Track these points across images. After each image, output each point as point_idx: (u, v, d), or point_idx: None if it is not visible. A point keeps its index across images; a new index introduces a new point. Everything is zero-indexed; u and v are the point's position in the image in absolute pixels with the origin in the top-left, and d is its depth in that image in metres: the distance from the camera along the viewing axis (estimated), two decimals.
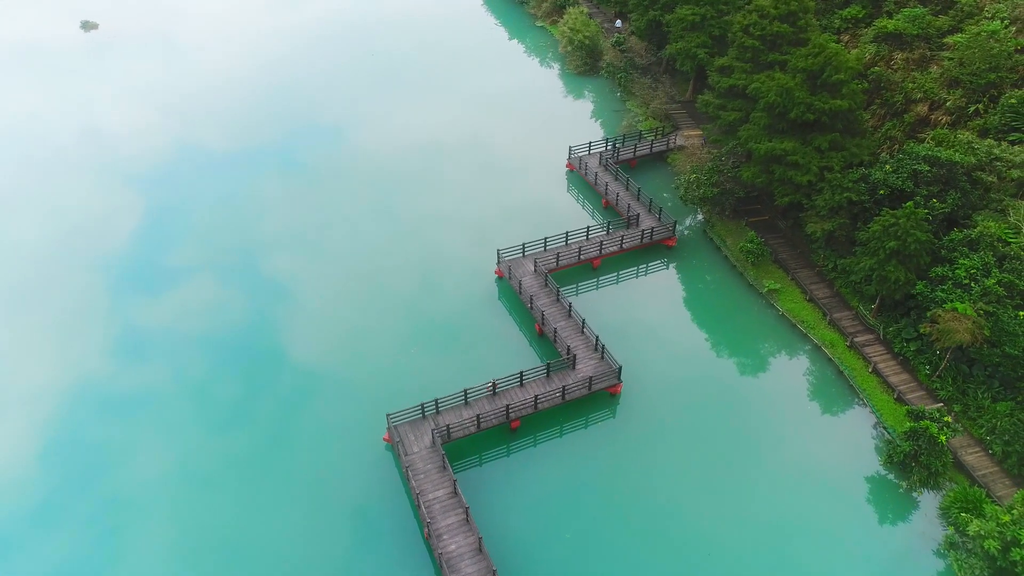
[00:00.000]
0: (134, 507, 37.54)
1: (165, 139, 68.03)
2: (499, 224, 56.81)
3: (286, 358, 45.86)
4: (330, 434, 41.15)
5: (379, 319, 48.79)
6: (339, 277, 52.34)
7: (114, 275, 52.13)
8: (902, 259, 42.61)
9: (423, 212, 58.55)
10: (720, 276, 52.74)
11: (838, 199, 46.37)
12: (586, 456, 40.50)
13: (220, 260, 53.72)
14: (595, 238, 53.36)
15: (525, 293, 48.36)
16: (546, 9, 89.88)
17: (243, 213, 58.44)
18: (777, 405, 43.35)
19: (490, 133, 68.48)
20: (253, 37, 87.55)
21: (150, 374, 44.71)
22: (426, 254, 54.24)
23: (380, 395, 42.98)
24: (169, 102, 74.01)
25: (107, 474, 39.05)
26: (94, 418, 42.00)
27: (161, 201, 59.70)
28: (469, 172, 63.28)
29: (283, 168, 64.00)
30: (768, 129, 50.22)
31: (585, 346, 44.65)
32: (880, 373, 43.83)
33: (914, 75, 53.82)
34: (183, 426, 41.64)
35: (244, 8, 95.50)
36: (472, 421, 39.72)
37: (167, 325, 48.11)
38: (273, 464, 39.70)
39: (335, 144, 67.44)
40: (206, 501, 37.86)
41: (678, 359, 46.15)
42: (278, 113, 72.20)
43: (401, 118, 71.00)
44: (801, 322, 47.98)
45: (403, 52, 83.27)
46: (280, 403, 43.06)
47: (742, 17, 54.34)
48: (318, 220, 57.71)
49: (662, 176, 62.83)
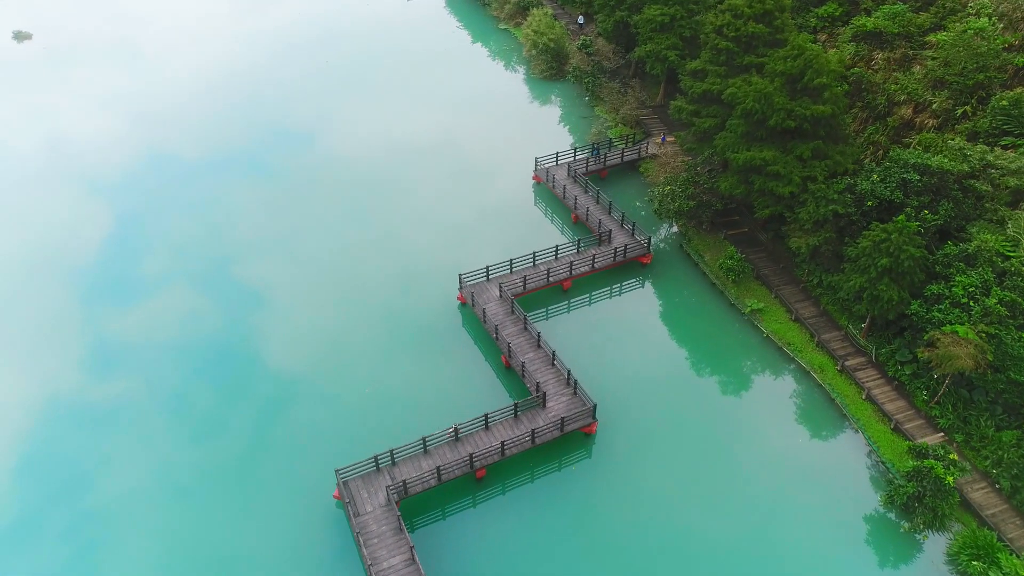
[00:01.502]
0: (111, 521, 35.82)
1: (118, 147, 64.13)
2: (461, 244, 52.76)
3: (227, 418, 40.97)
4: (275, 496, 36.71)
5: (330, 356, 44.45)
6: (289, 306, 47.94)
7: (84, 287, 49.50)
8: (895, 277, 39.39)
9: (378, 232, 54.27)
10: (699, 295, 49.22)
11: (823, 212, 43.09)
12: (560, 504, 36.63)
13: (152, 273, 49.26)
14: (565, 258, 49.56)
15: (490, 322, 44.38)
16: (509, 11, 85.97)
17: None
18: (765, 439, 39.89)
19: (452, 144, 64.39)
20: (195, 43, 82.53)
21: (123, 386, 42.53)
22: (382, 279, 49.99)
23: (330, 445, 38.72)
24: (116, 110, 69.42)
25: (83, 488, 37.24)
26: (68, 432, 40.09)
27: (111, 212, 54.88)
28: (429, 188, 59.10)
29: (221, 180, 59.39)
30: (746, 137, 46.83)
31: (556, 381, 40.80)
32: (874, 400, 40.59)
33: (896, 76, 50.84)
34: (157, 438, 39.55)
35: (182, 14, 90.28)
36: (432, 473, 35.62)
37: (138, 336, 45.76)
38: (214, 538, 35.24)
39: (284, 163, 62.85)
40: (184, 514, 36.10)
41: (657, 390, 42.49)
42: (221, 121, 67.48)
43: (357, 130, 66.65)
44: (787, 344, 44.61)
45: (363, 58, 78.99)
46: (221, 466, 38.36)
47: (714, 17, 50.89)
48: (255, 243, 53.23)
49: (634, 186, 59.26)
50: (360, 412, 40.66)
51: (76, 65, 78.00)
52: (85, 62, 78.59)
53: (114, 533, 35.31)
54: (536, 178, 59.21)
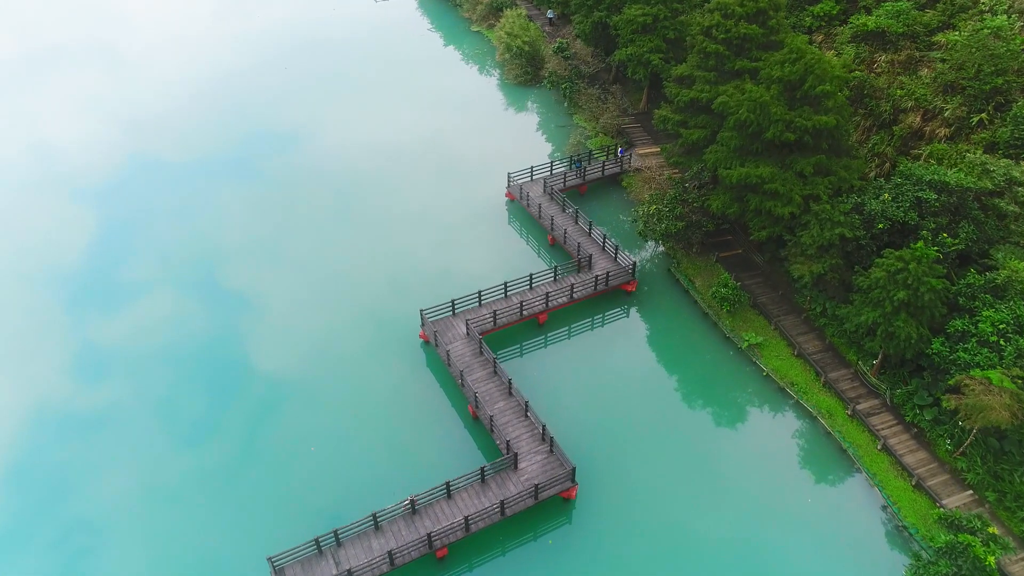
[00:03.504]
0: (102, 528, 33.41)
1: (99, 151, 60.28)
2: (426, 272, 47.41)
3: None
4: None
5: (273, 406, 39.00)
6: (228, 354, 42.45)
7: (69, 293, 46.35)
8: (913, 312, 34.56)
9: (335, 259, 48.79)
10: (690, 327, 44.16)
11: (828, 236, 38.16)
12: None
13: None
14: (540, 287, 44.37)
15: (455, 365, 39.09)
16: (481, 12, 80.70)
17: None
18: (770, 496, 34.87)
19: (417, 158, 59.02)
20: (152, 48, 76.75)
21: (111, 391, 39.75)
22: (335, 316, 44.54)
23: (266, 519, 33.28)
24: (97, 115, 64.96)
25: (72, 495, 34.79)
26: (56, 439, 37.45)
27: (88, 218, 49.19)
28: (391, 207, 53.64)
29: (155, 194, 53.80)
30: (739, 151, 41.90)
31: (530, 436, 35.57)
32: (892, 451, 35.73)
33: (901, 80, 46.12)
34: (147, 443, 36.96)
35: (125, 18, 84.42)
36: (384, 558, 30.27)
37: (125, 341, 42.84)
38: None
39: (221, 188, 57.27)
40: (174, 519, 33.69)
41: (646, 441, 37.37)
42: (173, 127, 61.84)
43: (318, 142, 61.17)
44: (791, 384, 39.70)
45: (329, 65, 73.38)
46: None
47: (702, 17, 46.03)
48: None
49: (617, 203, 54.17)
50: (301, 479, 35.19)
51: (56, 69, 73.42)
52: (66, 66, 74.01)
53: (103, 541, 32.95)
54: (509, 195, 54.01)
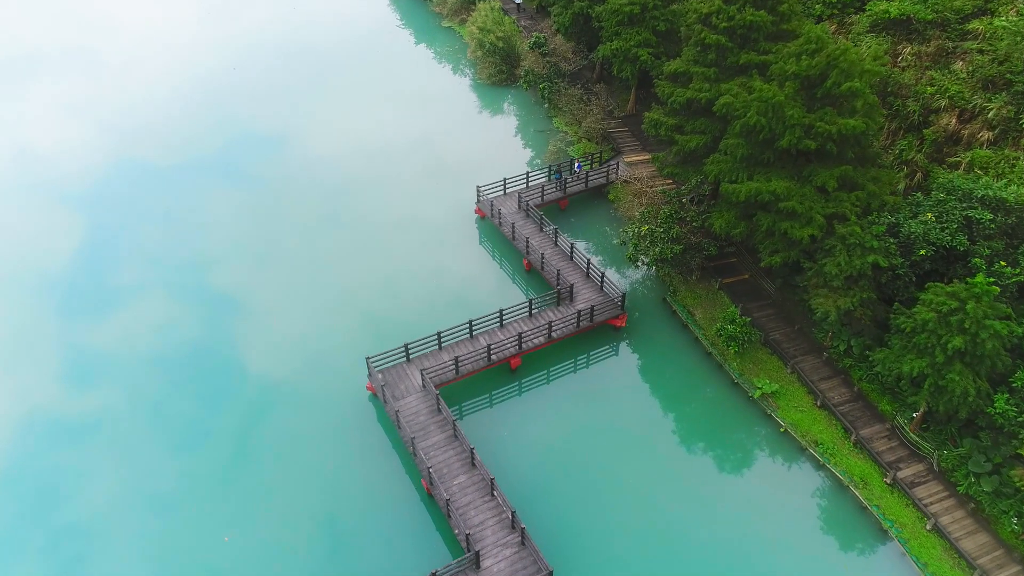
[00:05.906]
0: (95, 535, 30.26)
1: (83, 155, 53.96)
2: (376, 309, 40.25)
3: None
4: None
5: (191, 474, 31.84)
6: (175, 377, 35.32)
7: (56, 298, 42.25)
8: (970, 362, 27.82)
9: (275, 292, 41.63)
10: (690, 371, 37.19)
11: (858, 264, 31.29)
12: None
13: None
14: (512, 325, 37.33)
15: (406, 429, 31.96)
16: (452, 6, 73.74)
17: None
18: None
19: (375, 171, 51.81)
20: (135, 53, 69.36)
21: (102, 397, 36.07)
22: (269, 366, 37.33)
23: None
24: (81, 119, 57.95)
25: (64, 502, 31.56)
26: (44, 445, 33.98)
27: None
28: (342, 230, 46.42)
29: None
30: (747, 161, 35.07)
31: (497, 522, 28.48)
32: (943, 532, 28.94)
33: (931, 75, 39.49)
34: (139, 449, 33.51)
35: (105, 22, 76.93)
36: None
37: (115, 346, 38.99)
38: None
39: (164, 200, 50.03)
40: (168, 525, 30.42)
41: (642, 525, 30.32)
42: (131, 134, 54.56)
43: (272, 155, 53.90)
44: (814, 444, 32.84)
45: (292, 66, 66.22)
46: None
47: (700, 4, 39.14)
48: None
49: (603, 219, 47.22)
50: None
51: (39, 75, 66.43)
52: (49, 71, 67.03)
53: (95, 548, 29.81)
54: (479, 212, 46.95)
